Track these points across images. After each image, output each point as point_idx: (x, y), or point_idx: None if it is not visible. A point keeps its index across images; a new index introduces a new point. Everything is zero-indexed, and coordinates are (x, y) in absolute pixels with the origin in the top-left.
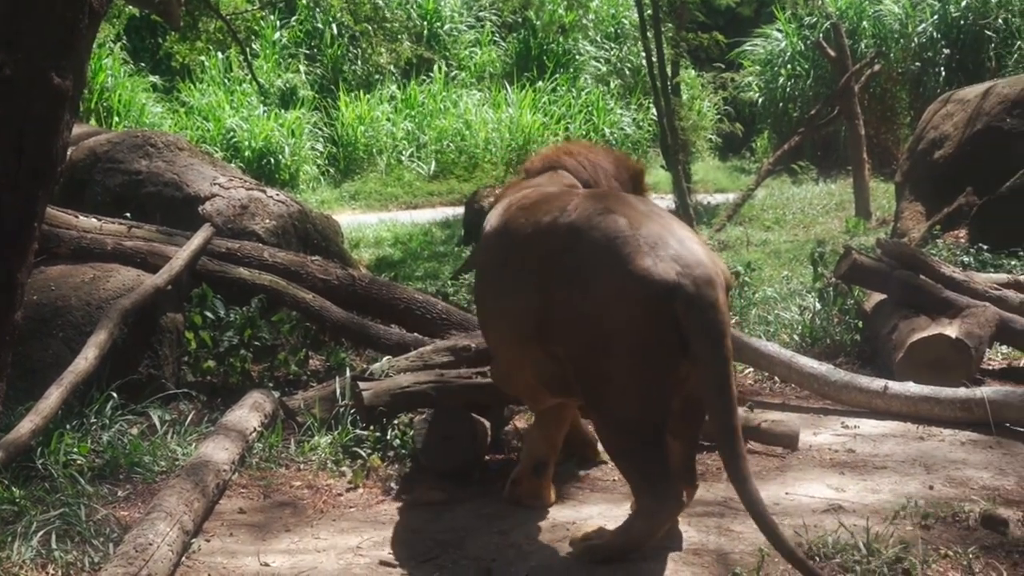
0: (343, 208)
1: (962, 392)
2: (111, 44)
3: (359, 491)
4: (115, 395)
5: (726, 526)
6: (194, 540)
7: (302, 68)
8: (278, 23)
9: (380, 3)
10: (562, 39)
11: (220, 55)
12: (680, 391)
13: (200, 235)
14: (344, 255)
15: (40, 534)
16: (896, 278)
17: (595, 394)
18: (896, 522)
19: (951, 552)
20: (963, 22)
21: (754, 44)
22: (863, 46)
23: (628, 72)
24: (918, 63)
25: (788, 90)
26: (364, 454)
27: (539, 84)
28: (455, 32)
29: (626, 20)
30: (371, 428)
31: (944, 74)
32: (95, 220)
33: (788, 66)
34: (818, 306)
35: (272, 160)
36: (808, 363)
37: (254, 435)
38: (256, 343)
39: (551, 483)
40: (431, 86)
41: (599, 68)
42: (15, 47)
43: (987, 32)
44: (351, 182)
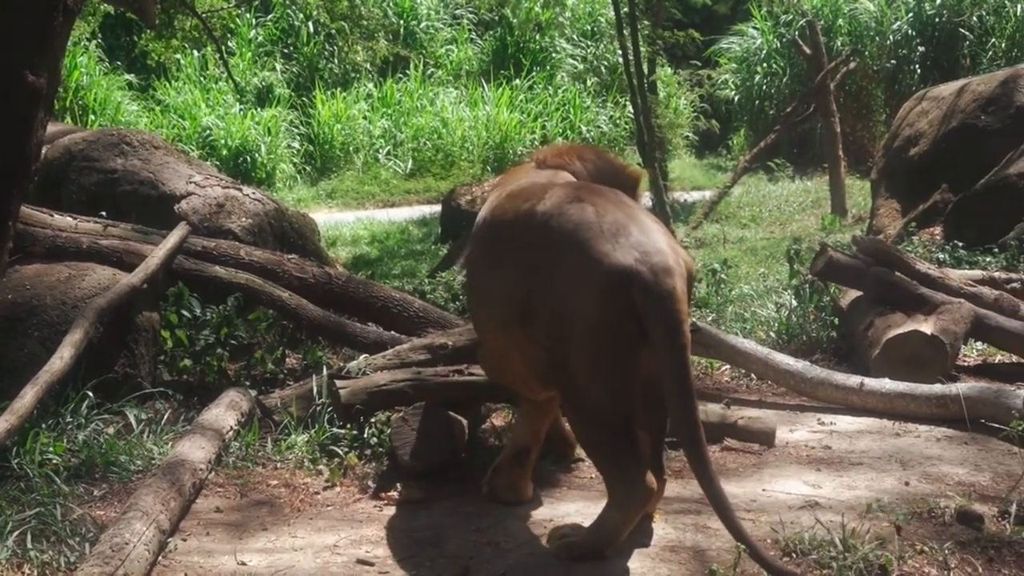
0: (320, 206)
1: (937, 388)
2: (86, 42)
3: (336, 489)
4: (91, 394)
5: (703, 523)
6: (171, 539)
7: (278, 66)
8: (254, 21)
9: (356, 1)
10: (539, 37)
11: (196, 53)
12: (641, 378)
13: (176, 233)
14: (321, 253)
15: (16, 534)
16: (872, 275)
17: (565, 384)
18: (871, 517)
19: (927, 548)
20: (938, 20)
21: (730, 42)
22: (839, 44)
23: (605, 70)
24: (893, 61)
25: (764, 88)
26: (341, 452)
27: (516, 82)
28: (431, 30)
29: (602, 18)
30: (348, 426)
31: (919, 71)
32: (70, 219)
33: (764, 64)
34: (794, 303)
35: (248, 158)
36: (784, 360)
37: (231, 434)
38: (233, 342)
39: (530, 477)
40: (408, 84)
41: (576, 66)
42: None
43: (962, 30)
44: (328, 180)
